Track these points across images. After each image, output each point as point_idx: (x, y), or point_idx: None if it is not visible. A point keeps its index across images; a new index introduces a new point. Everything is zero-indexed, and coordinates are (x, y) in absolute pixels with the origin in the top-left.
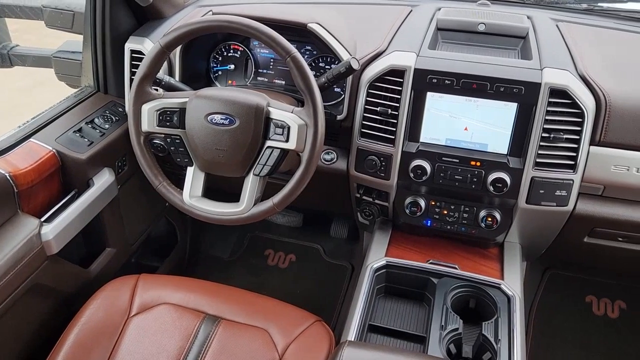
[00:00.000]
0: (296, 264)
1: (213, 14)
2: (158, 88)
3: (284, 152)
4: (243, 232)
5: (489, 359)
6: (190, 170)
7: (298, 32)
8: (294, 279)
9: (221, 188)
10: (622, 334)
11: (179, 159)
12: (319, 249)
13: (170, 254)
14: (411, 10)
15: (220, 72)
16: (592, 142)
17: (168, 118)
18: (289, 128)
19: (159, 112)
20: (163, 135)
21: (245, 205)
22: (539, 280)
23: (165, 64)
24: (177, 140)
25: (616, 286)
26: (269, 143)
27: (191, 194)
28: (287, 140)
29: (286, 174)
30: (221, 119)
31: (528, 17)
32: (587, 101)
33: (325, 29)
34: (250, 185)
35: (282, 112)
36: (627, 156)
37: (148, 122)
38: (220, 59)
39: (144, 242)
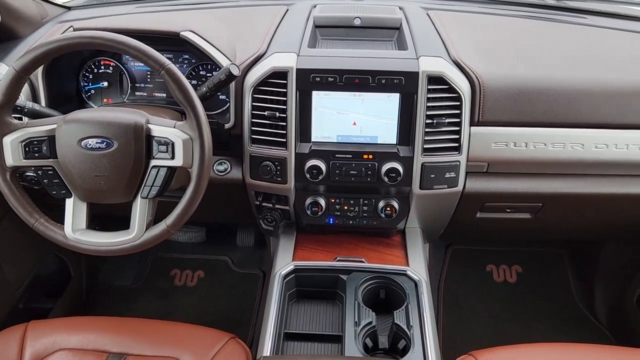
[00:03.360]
0: (205, 280)
1: (74, 29)
2: (21, 116)
3: (172, 169)
4: (144, 255)
5: (404, 347)
6: (69, 202)
7: (172, 42)
8: (204, 296)
9: (109, 214)
10: (521, 296)
11: (54, 192)
12: (227, 260)
13: (64, 292)
14: (287, 10)
15: (93, 91)
16: (472, 123)
17: (36, 149)
18: (172, 144)
19: (24, 143)
20: (33, 168)
21: (136, 232)
22: (443, 258)
23: (27, 89)
24: (49, 172)
25: (511, 253)
26: (153, 162)
27: (74, 227)
28: (172, 158)
29: (179, 191)
30: (97, 143)
31: (400, 8)
32: (462, 85)
33: (200, 36)
34: (140, 210)
35: (163, 128)
36: (504, 132)
37: (13, 155)
38: (91, 76)
39: (31, 284)
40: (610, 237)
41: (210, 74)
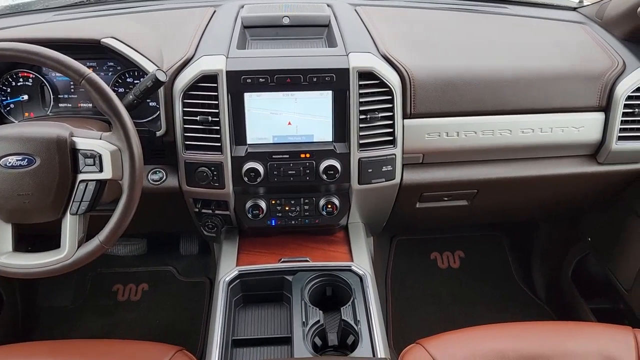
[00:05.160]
0: (150, 292)
1: None
2: None
3: (101, 183)
4: (83, 273)
5: (353, 342)
6: None
7: (94, 50)
8: (150, 309)
9: (41, 233)
10: (466, 280)
11: None
12: (172, 270)
13: None
14: (215, 11)
15: (12, 105)
16: (405, 116)
17: None
18: (100, 156)
19: None
20: None
21: (67, 250)
22: (389, 250)
23: None
24: None
25: (453, 239)
26: (81, 177)
27: None
28: (101, 170)
29: (112, 204)
30: (17, 160)
31: (328, 5)
32: (392, 79)
33: (123, 42)
34: (70, 227)
35: (89, 140)
36: (436, 123)
37: None
38: (8, 90)
39: None
40: (542, 218)
41: (138, 81)
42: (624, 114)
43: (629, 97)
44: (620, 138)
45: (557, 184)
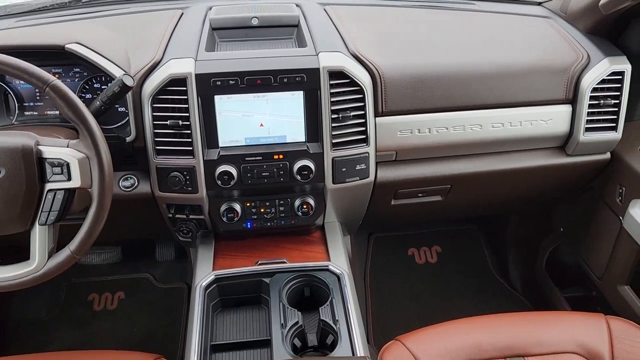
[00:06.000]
0: (127, 300)
1: None
2: None
3: (70, 192)
4: (56, 283)
5: (333, 341)
6: None
7: (59, 56)
8: (127, 317)
9: (14, 244)
10: (442, 275)
11: None
12: (149, 277)
13: None
14: (182, 14)
15: None
16: (377, 114)
17: None
18: (67, 165)
19: None
20: None
21: (37, 262)
22: (366, 247)
23: None
24: None
25: (430, 234)
26: (49, 186)
27: None
28: (69, 179)
29: (83, 213)
30: None
31: (297, 5)
32: (363, 78)
33: (88, 48)
34: (39, 238)
35: (55, 148)
36: (407, 120)
37: None
38: None
39: None
40: (514, 211)
41: (106, 87)
42: (590, 106)
43: (595, 89)
44: (587, 129)
45: (528, 177)
